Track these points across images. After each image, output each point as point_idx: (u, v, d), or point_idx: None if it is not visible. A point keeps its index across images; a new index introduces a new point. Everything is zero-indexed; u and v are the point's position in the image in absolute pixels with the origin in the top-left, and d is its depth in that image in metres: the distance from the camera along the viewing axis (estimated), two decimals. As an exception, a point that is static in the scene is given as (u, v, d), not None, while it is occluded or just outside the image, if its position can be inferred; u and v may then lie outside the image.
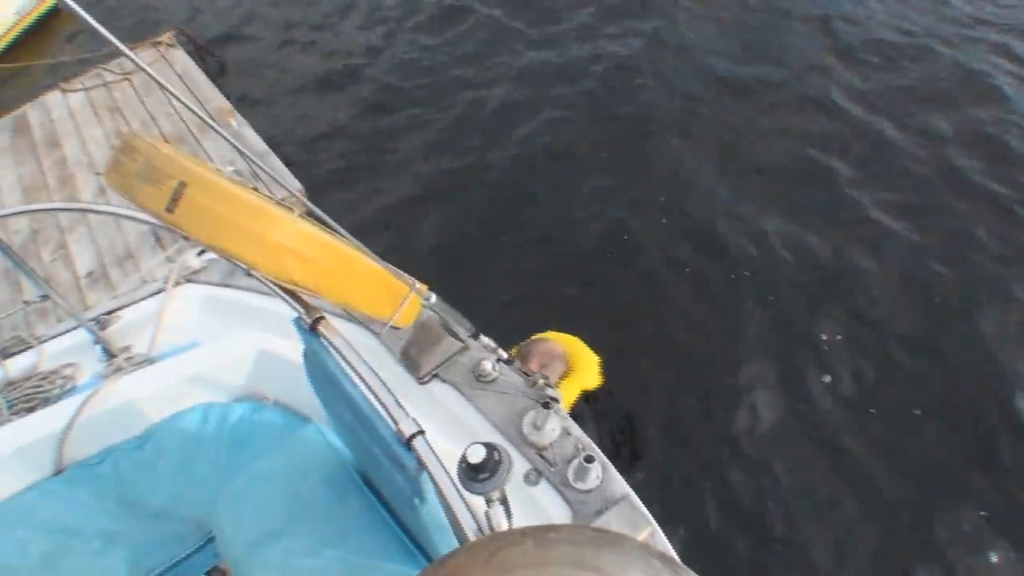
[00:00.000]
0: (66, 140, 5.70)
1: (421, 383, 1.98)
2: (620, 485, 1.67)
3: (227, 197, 1.36)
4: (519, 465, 1.76)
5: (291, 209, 1.46)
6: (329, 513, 1.93)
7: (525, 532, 0.73)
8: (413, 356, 1.99)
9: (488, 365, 1.94)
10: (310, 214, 1.47)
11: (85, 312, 2.61)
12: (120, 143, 1.44)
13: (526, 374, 1.80)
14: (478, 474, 1.11)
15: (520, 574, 0.65)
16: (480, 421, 1.85)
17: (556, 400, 1.77)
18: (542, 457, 1.74)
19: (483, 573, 0.66)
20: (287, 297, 1.47)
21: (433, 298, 1.38)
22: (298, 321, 1.51)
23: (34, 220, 4.98)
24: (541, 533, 0.72)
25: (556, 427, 1.76)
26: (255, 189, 1.50)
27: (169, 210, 1.36)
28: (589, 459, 1.65)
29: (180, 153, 1.43)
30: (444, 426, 1.85)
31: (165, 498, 2.29)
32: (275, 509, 1.97)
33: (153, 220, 1.70)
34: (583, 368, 3.27)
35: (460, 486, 1.15)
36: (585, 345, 3.39)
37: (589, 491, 1.65)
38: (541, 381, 1.80)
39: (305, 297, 1.50)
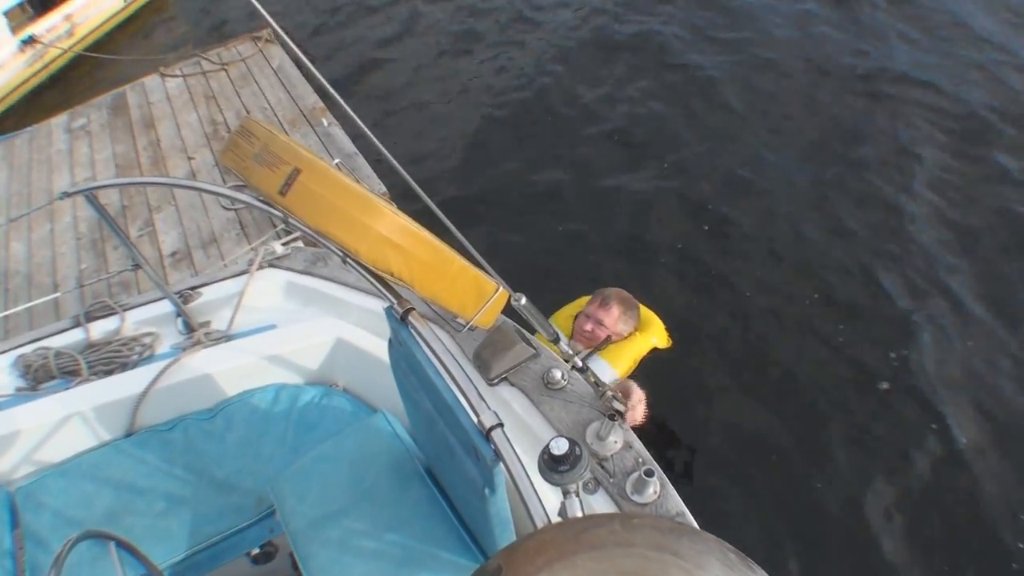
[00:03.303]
0: (161, 123, 5.93)
1: (491, 384, 2.04)
2: (676, 502, 1.69)
3: (337, 187, 1.44)
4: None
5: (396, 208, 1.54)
6: (391, 499, 1.99)
7: (612, 516, 0.78)
8: (485, 358, 2.04)
9: (558, 374, 1.98)
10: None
11: (169, 286, 2.73)
12: (239, 127, 1.54)
13: (596, 385, 1.85)
14: (559, 465, 1.16)
15: (608, 551, 0.69)
16: (544, 426, 1.89)
17: (621, 414, 1.81)
18: (602, 467, 1.77)
19: (574, 546, 0.71)
20: (380, 287, 1.54)
21: (524, 300, 1.44)
22: (390, 310, 1.58)
23: (125, 195, 5.18)
24: (626, 518, 0.76)
25: (619, 439, 1.79)
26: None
27: (282, 193, 1.45)
28: (649, 473, 1.68)
29: (295, 142, 1.52)
30: (509, 428, 1.88)
31: (230, 470, 2.37)
32: (339, 490, 2.04)
33: (255, 202, 1.80)
34: (653, 326, 3.16)
35: (533, 478, 1.20)
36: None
37: (645, 504, 1.68)
38: (609, 393, 1.84)
39: (398, 290, 1.57)
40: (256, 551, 2.33)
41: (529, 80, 6.51)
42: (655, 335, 3.10)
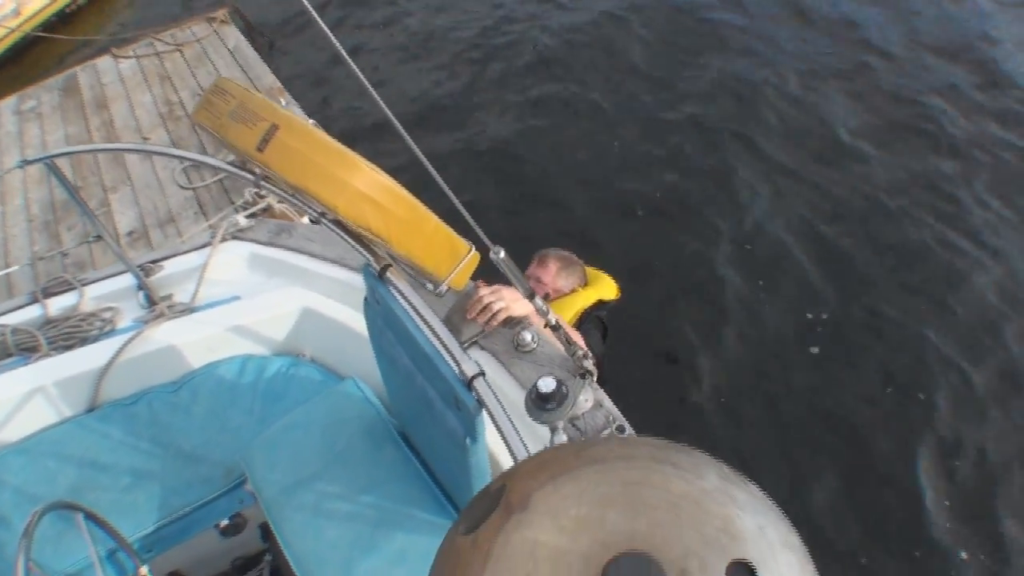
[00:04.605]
0: (114, 103, 5.80)
1: (461, 348, 2.05)
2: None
3: (316, 143, 1.44)
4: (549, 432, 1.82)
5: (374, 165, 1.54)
6: (364, 462, 1.98)
7: (610, 436, 0.80)
8: (455, 322, 2.05)
9: (528, 336, 1.98)
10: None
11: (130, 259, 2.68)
12: (212, 86, 1.53)
13: (568, 343, 1.86)
14: (546, 403, 1.19)
15: (611, 464, 0.71)
16: (515, 388, 1.91)
17: (591, 373, 1.83)
18: (574, 426, 1.79)
19: (576, 461, 0.72)
20: (357, 245, 1.55)
21: (503, 253, 1.44)
22: (367, 268, 1.59)
23: (78, 175, 5.07)
24: (623, 437, 0.79)
25: (589, 398, 1.81)
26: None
27: (259, 149, 1.44)
28: (620, 429, 1.70)
29: (271, 101, 1.52)
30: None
31: (196, 442, 2.34)
32: (311, 455, 2.03)
33: (225, 165, 1.79)
34: (601, 281, 3.14)
35: (515, 420, 1.22)
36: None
37: (617, 462, 1.71)
38: (580, 353, 1.86)
39: (375, 248, 1.58)
40: (225, 523, 2.31)
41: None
42: (600, 290, 3.09)
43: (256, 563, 2.42)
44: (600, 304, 3.05)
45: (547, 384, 1.21)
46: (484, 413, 1.30)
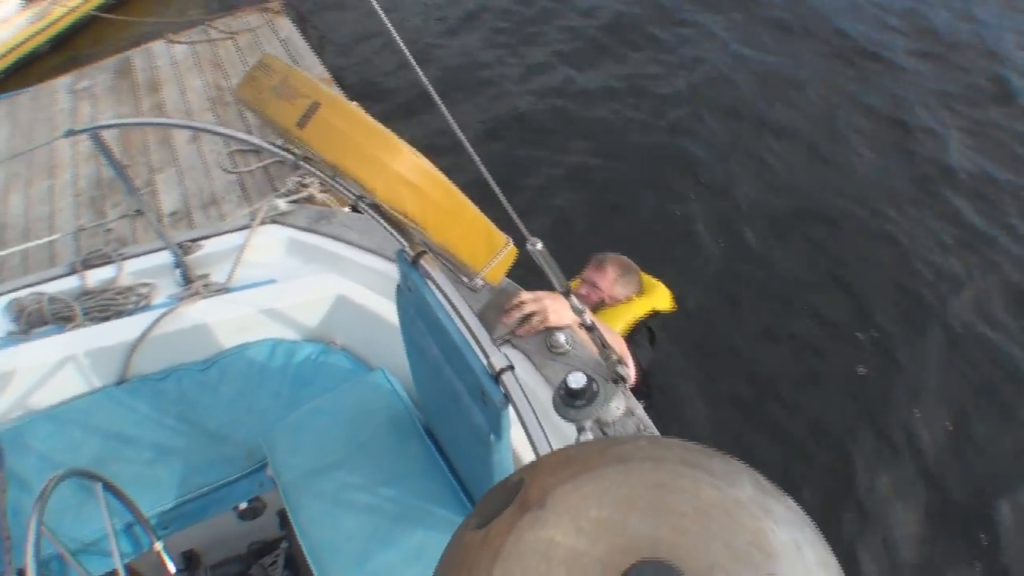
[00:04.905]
0: (166, 87, 5.87)
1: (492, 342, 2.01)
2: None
3: (357, 122, 1.41)
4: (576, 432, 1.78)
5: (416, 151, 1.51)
6: (388, 454, 1.95)
7: (638, 435, 0.75)
8: (489, 318, 2.01)
9: (562, 337, 1.94)
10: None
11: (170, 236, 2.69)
12: (257, 62, 1.51)
13: (603, 346, 1.81)
14: (576, 400, 1.14)
15: (637, 465, 0.66)
16: (546, 390, 1.86)
17: (625, 380, 1.78)
18: (603, 432, 1.75)
19: (599, 459, 0.68)
20: (392, 229, 1.51)
21: (540, 245, 1.40)
22: (401, 253, 1.56)
23: (127, 155, 5.14)
24: (655, 437, 0.74)
25: (621, 405, 1.76)
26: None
27: (300, 125, 1.42)
28: (652, 440, 1.65)
29: (315, 77, 1.49)
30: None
31: (222, 421, 2.33)
32: (334, 443, 2.00)
33: (266, 144, 1.77)
34: (657, 291, 3.05)
35: (542, 418, 1.18)
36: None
37: (647, 472, 1.65)
38: (614, 358, 1.81)
39: (411, 234, 1.55)
40: (244, 506, 2.30)
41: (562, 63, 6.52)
42: (655, 300, 3.00)
43: (272, 549, 2.40)
44: (653, 315, 2.98)
45: (577, 380, 1.17)
46: (510, 409, 1.25)
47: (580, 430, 1.20)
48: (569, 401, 1.16)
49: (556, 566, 0.58)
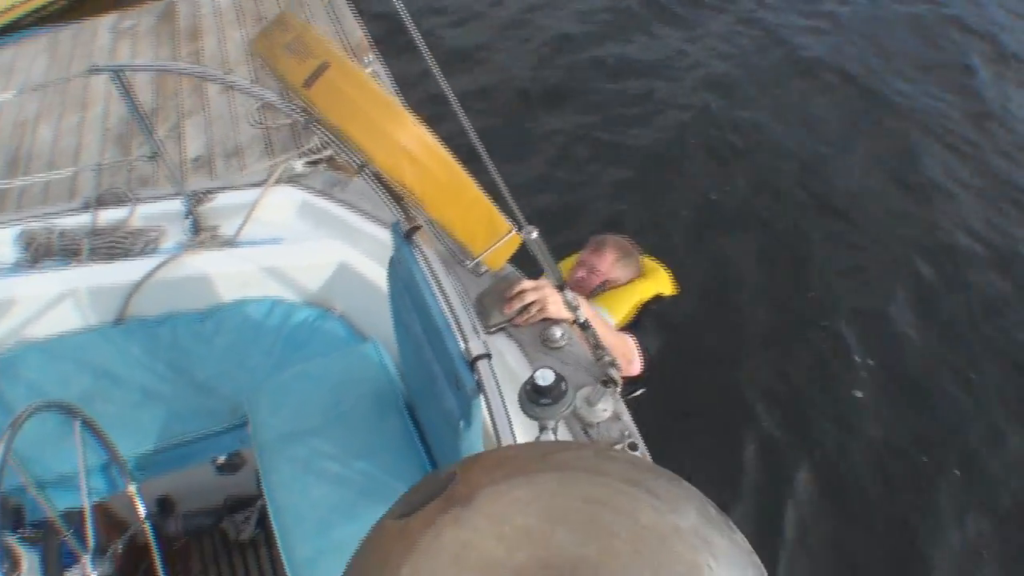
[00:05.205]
0: (206, 36, 5.85)
1: (488, 333, 1.97)
2: (656, 483, 1.63)
3: (364, 88, 1.38)
4: (561, 434, 1.73)
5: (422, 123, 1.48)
6: (365, 427, 1.94)
7: (586, 443, 0.72)
8: (486, 305, 1.97)
9: (558, 332, 1.90)
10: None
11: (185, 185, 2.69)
12: (276, 17, 1.49)
13: (596, 346, 1.78)
14: (541, 398, 1.10)
15: (575, 475, 0.62)
16: None
17: (615, 383, 1.75)
18: (586, 433, 1.71)
19: (538, 465, 0.64)
20: (390, 201, 1.49)
21: (535, 234, 1.37)
22: (396, 226, 1.53)
23: (159, 97, 5.14)
24: (603, 448, 0.70)
25: (608, 408, 1.73)
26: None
27: (307, 85, 1.39)
28: (632, 447, 1.61)
29: (330, 40, 1.46)
30: (500, 379, 1.83)
31: (211, 373, 2.33)
32: (314, 409, 1.99)
33: (276, 100, 1.75)
34: (658, 274, 2.93)
35: (512, 413, 1.15)
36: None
37: (623, 479, 1.62)
38: (607, 359, 1.78)
39: (409, 208, 1.52)
40: (222, 459, 2.30)
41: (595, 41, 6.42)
42: (658, 284, 2.89)
43: (247, 505, 2.40)
44: (657, 299, 2.88)
45: (545, 376, 1.12)
46: (482, 398, 1.23)
47: (542, 429, 1.17)
48: (535, 398, 1.12)
49: (467, 570, 0.55)
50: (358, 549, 0.63)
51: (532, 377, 1.12)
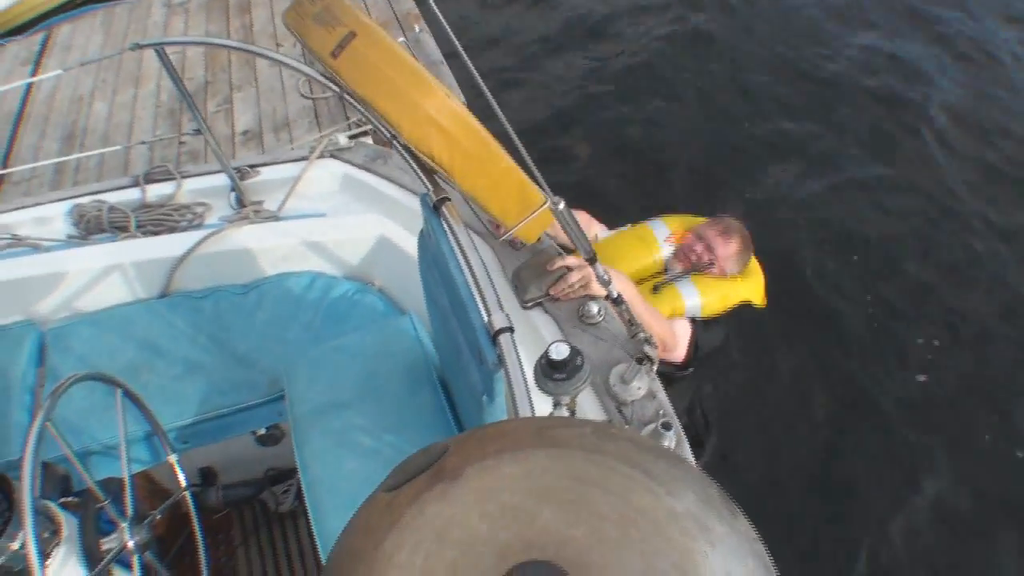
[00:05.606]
0: (257, 9, 5.88)
1: (524, 307, 1.95)
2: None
3: (392, 57, 1.36)
4: (594, 413, 1.71)
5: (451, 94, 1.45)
6: (398, 401, 1.94)
7: (587, 421, 0.68)
8: (524, 279, 1.95)
9: (595, 308, 1.87)
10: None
11: (231, 161, 2.71)
12: None
13: (630, 323, 1.74)
14: (555, 372, 1.07)
15: (569, 452, 0.60)
16: None
17: (651, 360, 1.71)
18: (620, 412, 1.68)
19: (532, 440, 0.62)
20: (420, 172, 1.46)
21: (562, 205, 1.34)
22: (425, 198, 1.51)
23: (209, 72, 5.20)
24: (603, 425, 0.67)
25: (643, 386, 1.70)
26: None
27: (334, 55, 1.38)
28: (666, 426, 1.58)
29: (360, 9, 1.44)
30: (533, 354, 1.80)
31: (251, 346, 2.36)
32: (350, 383, 2.00)
33: (312, 72, 1.73)
34: (754, 277, 2.85)
35: (532, 386, 1.12)
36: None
37: (656, 458, 1.58)
38: (642, 335, 1.74)
39: (438, 179, 1.49)
40: (262, 431, 2.32)
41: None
42: (754, 290, 2.83)
43: (288, 478, 2.43)
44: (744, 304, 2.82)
45: (559, 351, 1.09)
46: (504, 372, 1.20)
47: (556, 405, 1.14)
48: (549, 372, 1.09)
49: (448, 547, 0.53)
50: (351, 520, 0.61)
51: (546, 351, 1.09)
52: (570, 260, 1.93)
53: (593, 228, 2.99)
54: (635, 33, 6.10)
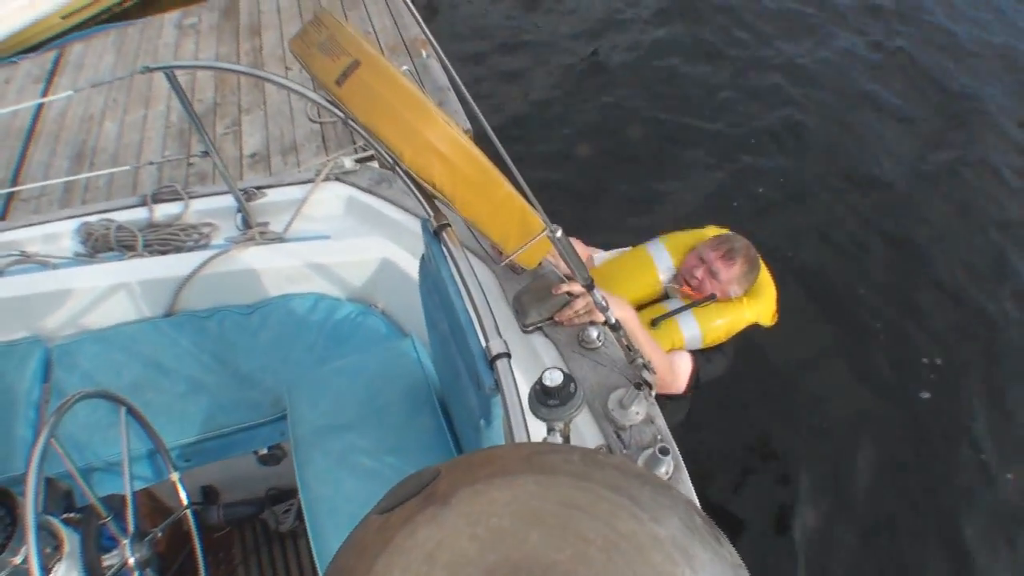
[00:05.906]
0: (267, 31, 5.97)
1: (525, 331, 1.97)
2: (686, 488, 1.61)
3: (394, 86, 1.39)
4: (592, 438, 1.72)
5: (453, 122, 1.48)
6: (399, 423, 1.96)
7: (575, 448, 0.71)
8: (524, 303, 1.97)
9: (594, 333, 1.89)
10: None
11: (238, 182, 2.75)
12: (313, 17, 1.50)
13: (629, 348, 1.76)
14: (549, 399, 1.09)
15: (557, 479, 0.62)
16: None
17: (649, 386, 1.72)
18: (618, 437, 1.70)
19: (520, 466, 0.64)
20: (421, 198, 1.49)
21: (560, 232, 1.36)
22: (426, 224, 1.54)
23: (219, 94, 5.26)
24: (591, 452, 0.69)
25: (641, 411, 1.71)
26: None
27: (338, 83, 1.41)
28: (664, 451, 1.59)
29: (364, 37, 1.47)
30: (532, 378, 1.81)
31: (255, 366, 2.38)
32: (351, 404, 2.02)
33: (319, 99, 1.77)
34: (764, 296, 2.68)
35: (527, 413, 1.14)
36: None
37: (654, 483, 1.60)
38: (640, 361, 1.76)
39: (439, 205, 1.52)
40: (264, 451, 2.34)
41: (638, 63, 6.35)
42: (761, 310, 2.65)
43: (289, 498, 2.44)
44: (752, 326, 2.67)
45: (553, 377, 1.10)
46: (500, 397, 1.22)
47: (550, 430, 1.16)
48: (543, 399, 1.10)
49: (438, 568, 0.55)
50: (344, 541, 0.63)
51: (540, 378, 1.11)
52: (574, 287, 1.95)
53: (587, 253, 2.95)
54: (632, 37, 6.23)
